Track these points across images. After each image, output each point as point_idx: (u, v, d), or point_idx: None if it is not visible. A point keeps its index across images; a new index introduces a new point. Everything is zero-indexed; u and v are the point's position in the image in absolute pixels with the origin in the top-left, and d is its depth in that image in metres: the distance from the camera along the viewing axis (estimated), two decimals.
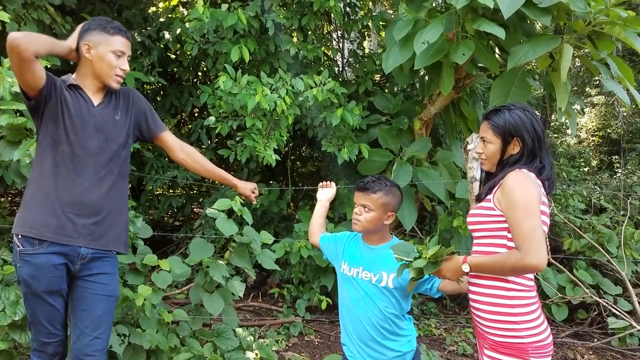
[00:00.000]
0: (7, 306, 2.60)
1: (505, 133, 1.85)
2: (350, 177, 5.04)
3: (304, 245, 4.18)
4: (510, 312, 1.75)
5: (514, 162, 1.85)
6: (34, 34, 1.94)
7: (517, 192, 1.70)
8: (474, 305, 1.88)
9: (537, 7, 3.21)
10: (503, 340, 1.76)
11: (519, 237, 1.67)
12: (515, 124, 1.84)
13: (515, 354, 1.74)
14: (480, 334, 1.87)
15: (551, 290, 4.42)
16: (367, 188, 2.10)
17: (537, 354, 1.73)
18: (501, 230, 1.78)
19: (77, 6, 4.44)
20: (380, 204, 2.08)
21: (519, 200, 1.69)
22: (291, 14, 4.45)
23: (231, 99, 3.85)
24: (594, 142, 11.40)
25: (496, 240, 1.80)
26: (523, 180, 1.73)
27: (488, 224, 1.82)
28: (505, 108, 1.89)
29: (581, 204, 5.72)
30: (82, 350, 2.12)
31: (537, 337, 1.75)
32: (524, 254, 1.63)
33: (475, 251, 1.90)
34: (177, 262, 3.14)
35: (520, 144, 1.84)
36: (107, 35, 2.13)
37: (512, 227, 1.71)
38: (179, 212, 5.91)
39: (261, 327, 4.23)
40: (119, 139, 2.22)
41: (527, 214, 1.67)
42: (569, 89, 3.50)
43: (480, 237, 1.87)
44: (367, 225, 2.11)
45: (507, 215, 1.73)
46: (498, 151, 1.88)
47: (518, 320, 1.75)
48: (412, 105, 4.78)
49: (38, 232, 2.04)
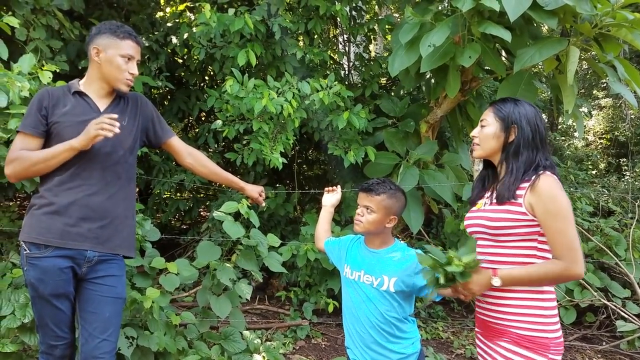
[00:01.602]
0: (16, 309, 2.62)
1: (506, 118, 1.83)
2: (356, 180, 5.04)
3: (311, 248, 4.18)
4: (541, 306, 1.72)
5: (515, 153, 1.80)
6: (26, 161, 2.06)
7: (558, 200, 1.68)
8: (493, 302, 1.81)
9: (543, 9, 3.21)
10: (528, 334, 1.72)
11: (563, 246, 1.65)
12: (518, 112, 1.82)
13: (537, 349, 1.70)
14: (496, 328, 1.80)
15: (559, 293, 4.40)
16: (371, 189, 2.09)
17: (556, 350, 1.72)
18: (532, 234, 1.73)
19: (85, 11, 4.48)
20: (383, 207, 2.08)
21: (560, 208, 1.67)
22: (297, 18, 4.47)
23: (238, 103, 3.87)
24: (602, 145, 11.35)
25: (527, 244, 1.75)
26: (557, 188, 1.70)
27: (519, 228, 1.74)
28: (512, 98, 1.88)
29: (589, 206, 5.69)
30: (91, 352, 2.13)
31: (557, 333, 1.74)
32: (570, 264, 1.63)
33: (499, 254, 1.81)
34: (185, 265, 3.15)
35: (517, 132, 1.81)
36: (116, 39, 2.15)
37: (553, 236, 1.68)
38: (186, 216, 5.92)
39: (268, 330, 4.24)
40: (125, 144, 2.23)
41: (566, 222, 1.66)
42: (576, 91, 3.50)
43: (508, 242, 1.79)
44: (368, 226, 2.10)
45: (546, 224, 1.69)
46: (494, 136, 1.85)
47: (547, 314, 1.72)
48: (418, 108, 4.78)
49: (44, 238, 2.05)
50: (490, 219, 1.81)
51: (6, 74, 2.62)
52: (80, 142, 2.00)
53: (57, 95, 2.15)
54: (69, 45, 4.44)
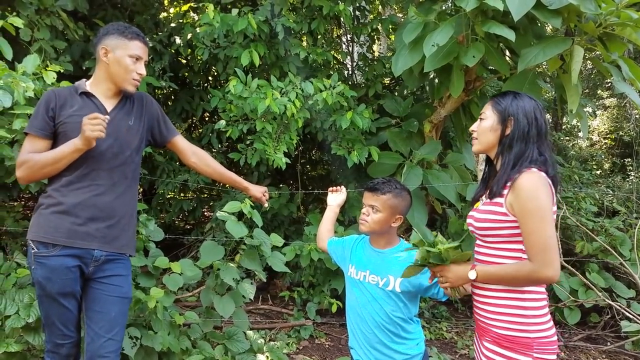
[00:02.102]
0: (21, 308, 2.62)
1: (504, 111, 1.78)
2: (360, 180, 5.04)
3: (314, 248, 4.18)
4: (522, 306, 1.68)
5: (509, 146, 1.75)
6: (35, 164, 2.07)
7: (536, 199, 1.61)
8: (479, 293, 1.80)
9: (547, 9, 3.20)
10: (508, 333, 1.69)
11: (533, 247, 1.60)
12: (516, 105, 1.77)
13: (519, 349, 1.66)
14: (482, 327, 1.79)
15: (563, 294, 4.39)
16: (377, 188, 2.08)
17: (542, 350, 1.65)
18: (516, 236, 1.68)
19: (89, 12, 4.50)
20: (389, 206, 2.07)
21: (537, 207, 1.61)
22: (301, 18, 4.47)
23: (241, 103, 3.87)
24: (606, 145, 11.32)
25: (512, 246, 1.70)
26: (538, 185, 1.63)
27: (502, 229, 1.71)
28: (513, 92, 1.84)
29: (593, 206, 5.68)
30: (97, 351, 2.14)
31: (543, 332, 1.68)
32: (538, 266, 1.58)
33: (487, 254, 1.79)
34: (188, 265, 3.15)
35: (513, 124, 1.76)
36: (124, 39, 2.16)
37: (527, 235, 1.63)
38: (189, 216, 5.94)
39: (272, 330, 4.24)
40: (132, 144, 2.25)
41: (542, 222, 1.60)
42: (580, 91, 3.49)
43: (494, 243, 1.76)
44: (374, 226, 2.09)
45: (522, 221, 1.63)
46: (491, 129, 1.81)
47: (528, 315, 1.67)
48: (422, 108, 4.78)
49: (52, 237, 2.07)
50: (476, 219, 1.80)
51: (11, 75, 2.63)
52: (82, 143, 2.01)
53: (64, 95, 2.16)
54: (73, 46, 4.45)
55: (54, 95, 2.15)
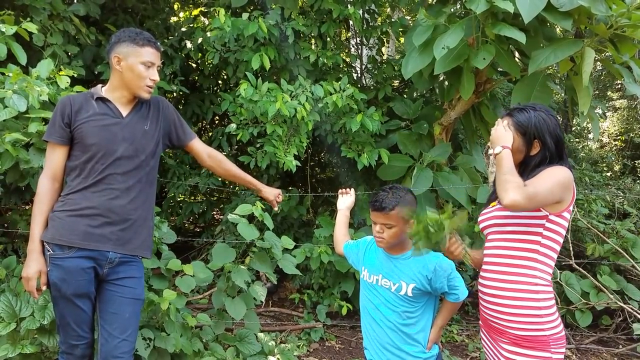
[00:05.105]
0: (35, 310, 2.65)
1: (527, 133, 1.84)
2: (369, 182, 5.05)
3: (324, 251, 4.19)
4: (536, 306, 1.77)
5: (536, 166, 1.83)
6: (35, 203, 2.20)
7: (557, 169, 1.78)
8: (492, 300, 1.86)
9: (558, 11, 3.20)
10: (526, 334, 1.77)
11: (533, 181, 1.74)
12: (539, 125, 1.83)
13: (538, 346, 1.75)
14: (497, 329, 1.87)
15: (575, 296, 4.37)
16: (384, 207, 2.03)
17: (558, 344, 1.76)
18: (538, 227, 1.78)
19: (101, 17, 4.54)
20: (401, 218, 2.04)
21: (554, 171, 1.77)
22: (310, 22, 4.49)
23: (252, 106, 3.89)
24: (617, 147, 11.24)
25: (532, 237, 1.80)
26: (565, 170, 1.79)
27: (526, 218, 1.80)
28: (530, 107, 1.88)
29: (604, 209, 5.64)
30: (110, 352, 2.16)
31: (556, 329, 1.78)
32: (524, 189, 1.68)
33: (499, 247, 1.88)
34: (201, 267, 3.17)
35: (540, 145, 1.84)
36: (136, 46, 2.19)
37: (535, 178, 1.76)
38: (200, 218, 5.96)
39: (282, 332, 4.25)
40: (147, 149, 2.27)
41: (553, 177, 1.74)
42: (591, 92, 3.48)
43: (513, 232, 1.84)
44: (392, 240, 2.07)
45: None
46: (516, 150, 1.85)
47: (542, 314, 1.77)
48: (431, 110, 4.77)
49: (68, 239, 2.10)
50: (502, 209, 1.88)
51: (25, 79, 2.67)
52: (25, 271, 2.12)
53: (79, 101, 2.20)
54: (85, 50, 4.49)
55: (69, 102, 2.18)
